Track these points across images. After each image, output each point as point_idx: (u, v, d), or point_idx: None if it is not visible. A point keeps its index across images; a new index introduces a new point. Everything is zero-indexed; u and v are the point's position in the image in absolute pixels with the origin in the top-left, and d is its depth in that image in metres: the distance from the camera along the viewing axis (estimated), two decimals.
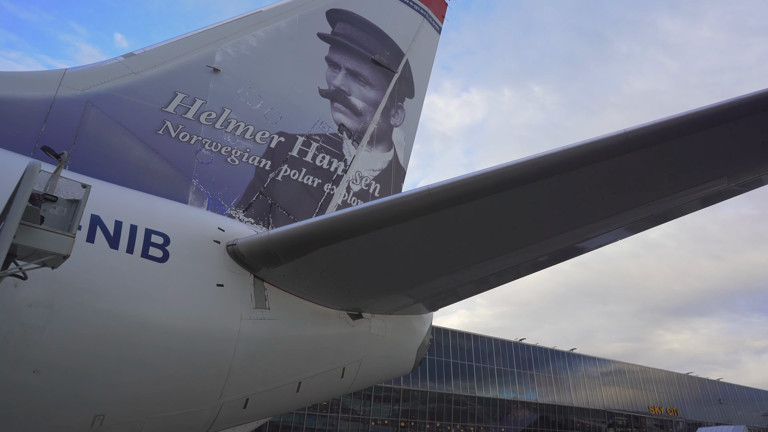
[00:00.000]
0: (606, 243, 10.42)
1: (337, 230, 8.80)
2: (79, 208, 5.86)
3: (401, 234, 8.69)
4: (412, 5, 17.47)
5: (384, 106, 15.40)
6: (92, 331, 7.38)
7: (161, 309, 8.20)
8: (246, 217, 11.34)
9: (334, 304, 10.62)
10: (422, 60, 17.51)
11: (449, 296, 11.45)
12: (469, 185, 8.06)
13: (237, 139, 11.78)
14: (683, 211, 9.62)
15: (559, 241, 9.60)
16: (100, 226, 7.91)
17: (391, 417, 62.51)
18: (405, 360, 12.38)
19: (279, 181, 12.24)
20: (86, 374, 7.33)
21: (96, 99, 10.06)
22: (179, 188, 10.51)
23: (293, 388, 10.12)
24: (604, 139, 7.71)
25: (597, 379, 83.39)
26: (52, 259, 5.61)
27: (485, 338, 74.69)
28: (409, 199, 8.39)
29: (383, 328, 11.61)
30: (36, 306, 6.90)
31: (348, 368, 11.00)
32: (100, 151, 9.84)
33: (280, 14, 13.73)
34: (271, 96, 12.73)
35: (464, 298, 11.84)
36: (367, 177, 14.29)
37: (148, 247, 8.34)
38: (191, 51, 11.78)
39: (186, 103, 11.18)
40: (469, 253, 9.45)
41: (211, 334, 8.67)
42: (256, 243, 9.29)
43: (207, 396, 8.81)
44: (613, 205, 8.83)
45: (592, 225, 9.19)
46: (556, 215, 8.78)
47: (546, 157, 7.78)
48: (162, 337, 8.08)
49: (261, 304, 9.46)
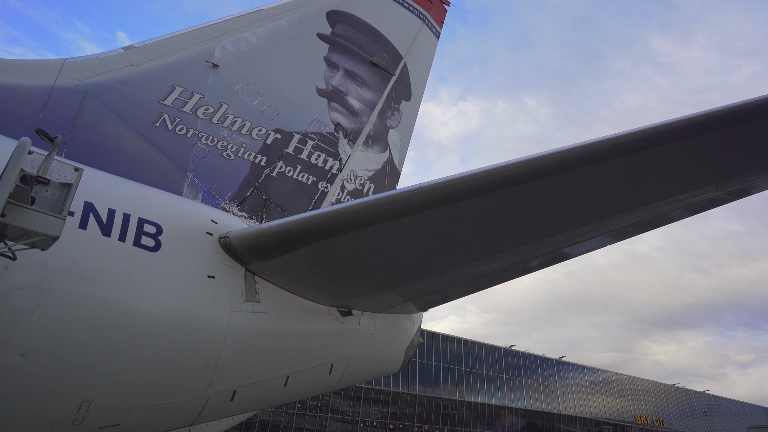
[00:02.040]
0: (595, 247, 10.54)
1: (329, 226, 8.88)
2: (71, 191, 5.89)
3: (393, 231, 8.78)
4: (412, 10, 17.62)
5: (380, 108, 15.51)
6: (82, 318, 7.42)
7: (151, 298, 8.24)
8: (240, 212, 11.41)
9: (324, 300, 10.69)
10: (420, 64, 17.65)
11: (439, 296, 11.54)
12: (461, 184, 8.17)
13: (233, 134, 11.85)
14: (671, 218, 9.75)
15: (549, 243, 9.71)
16: (93, 213, 7.96)
17: (380, 419, 62.46)
18: (393, 359, 12.46)
19: (274, 177, 12.32)
20: (74, 360, 7.36)
21: (94, 89, 10.12)
22: (174, 180, 10.57)
23: (281, 382, 10.17)
24: (595, 143, 7.83)
25: (585, 388, 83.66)
26: (41, 240, 5.62)
27: (475, 343, 74.82)
28: (401, 196, 8.49)
29: (372, 326, 11.68)
30: (26, 290, 6.93)
31: (336, 364, 11.06)
32: (97, 140, 9.89)
33: (280, 13, 13.84)
34: (269, 93, 12.81)
35: (454, 299, 11.94)
36: (362, 177, 14.39)
37: (140, 236, 8.38)
38: (191, 46, 11.86)
39: (184, 97, 11.25)
40: (459, 252, 9.55)
41: (200, 325, 8.72)
42: (248, 236, 9.36)
43: (194, 387, 8.85)
44: (602, 209, 8.96)
45: (581, 228, 9.31)
46: (546, 217, 8.89)
47: (538, 158, 7.89)
48: (151, 326, 8.12)
49: (251, 297, 9.52)
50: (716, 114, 7.57)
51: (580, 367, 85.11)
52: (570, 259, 10.86)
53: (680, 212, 9.53)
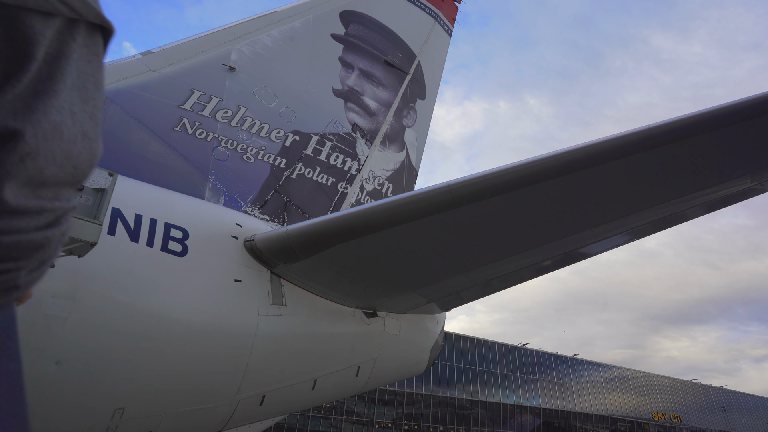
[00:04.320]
0: (624, 243, 10.36)
1: (356, 226, 8.76)
2: (105, 196, 5.83)
3: (421, 230, 8.66)
4: (424, 8, 17.50)
5: (396, 107, 15.40)
6: (113, 324, 7.35)
7: (181, 304, 8.16)
8: (261, 215, 11.32)
9: (349, 302, 10.58)
10: (433, 62, 17.53)
11: (464, 295, 11.39)
12: (491, 180, 8.02)
13: (252, 137, 11.78)
14: (703, 211, 9.56)
15: (579, 239, 9.55)
16: (120, 218, 7.90)
17: (395, 420, 62.33)
18: (419, 360, 12.32)
19: (294, 179, 12.23)
20: (107, 367, 7.29)
21: (114, 95, 10.07)
22: (196, 184, 10.50)
23: (309, 386, 10.06)
24: (628, 135, 7.66)
25: (600, 385, 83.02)
26: (79, 247, 5.53)
27: (489, 342, 74.52)
28: (429, 195, 8.35)
29: (398, 327, 11.56)
30: (58, 297, 6.87)
31: (363, 367, 10.94)
32: (118, 146, 9.84)
33: (294, 14, 13.77)
34: (286, 95, 12.74)
35: (480, 297, 11.78)
36: (380, 177, 14.28)
37: (167, 241, 8.31)
38: (208, 49, 11.80)
39: (202, 101, 11.19)
40: (489, 250, 9.41)
41: (229, 330, 8.63)
42: (273, 239, 9.26)
43: (224, 392, 8.77)
44: (635, 203, 8.77)
45: (612, 223, 9.14)
46: (578, 212, 8.74)
47: (570, 152, 7.73)
48: (181, 332, 8.05)
49: (278, 301, 9.43)
50: (752, 102, 7.37)
51: (595, 365, 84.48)
52: (598, 254, 10.70)
53: (713, 204, 9.33)
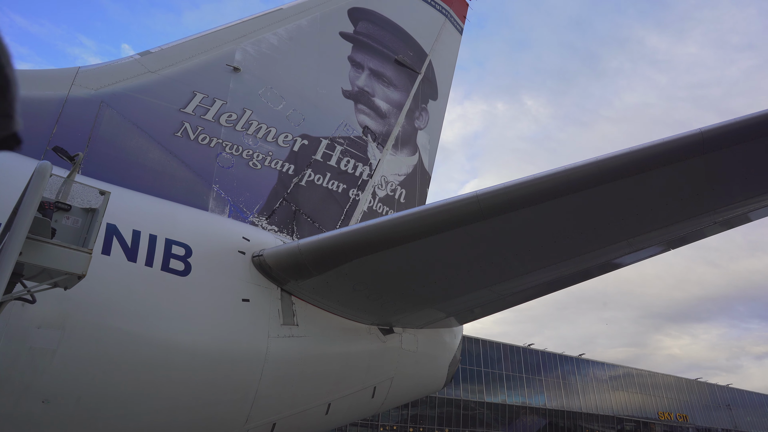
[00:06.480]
0: (659, 253, 9.64)
1: (375, 240, 8.03)
2: (96, 218, 5.03)
3: (444, 244, 7.93)
4: (434, 5, 16.75)
5: (408, 108, 14.65)
6: (108, 355, 6.62)
7: (183, 329, 7.43)
8: (269, 225, 10.59)
9: (365, 319, 9.86)
10: (445, 61, 16.78)
11: (487, 309, 10.67)
12: (523, 190, 7.29)
13: (259, 141, 11.04)
14: (748, 219, 8.83)
15: (613, 250, 8.82)
16: (116, 236, 7.17)
17: (400, 422, 61.61)
18: (437, 376, 11.60)
19: (303, 186, 11.49)
20: (101, 403, 6.56)
21: (111, 99, 9.35)
22: (199, 194, 9.77)
23: (322, 410, 9.35)
24: (675, 140, 6.94)
25: (605, 384, 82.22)
26: (64, 279, 4.77)
27: (494, 343, 73.75)
28: (455, 206, 7.62)
29: (415, 342, 10.84)
30: (46, 327, 6.15)
31: (379, 387, 10.22)
32: (116, 154, 9.12)
33: (301, 12, 13.03)
34: (293, 97, 12.00)
35: (503, 309, 11.04)
36: (393, 182, 13.53)
37: (168, 260, 7.59)
38: (210, 49, 11.06)
39: (205, 104, 10.46)
40: (517, 264, 8.67)
41: (237, 355, 7.90)
42: (284, 254, 8.54)
43: (232, 423, 8.05)
44: (676, 213, 8.04)
45: (651, 233, 8.41)
46: (615, 223, 8.00)
47: (609, 159, 7.00)
48: (184, 360, 7.32)
49: (289, 320, 8.71)
50: None
51: (600, 364, 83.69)
52: (631, 264, 9.97)
53: (760, 212, 8.60)
